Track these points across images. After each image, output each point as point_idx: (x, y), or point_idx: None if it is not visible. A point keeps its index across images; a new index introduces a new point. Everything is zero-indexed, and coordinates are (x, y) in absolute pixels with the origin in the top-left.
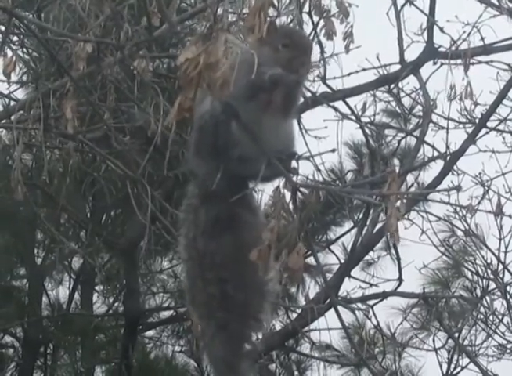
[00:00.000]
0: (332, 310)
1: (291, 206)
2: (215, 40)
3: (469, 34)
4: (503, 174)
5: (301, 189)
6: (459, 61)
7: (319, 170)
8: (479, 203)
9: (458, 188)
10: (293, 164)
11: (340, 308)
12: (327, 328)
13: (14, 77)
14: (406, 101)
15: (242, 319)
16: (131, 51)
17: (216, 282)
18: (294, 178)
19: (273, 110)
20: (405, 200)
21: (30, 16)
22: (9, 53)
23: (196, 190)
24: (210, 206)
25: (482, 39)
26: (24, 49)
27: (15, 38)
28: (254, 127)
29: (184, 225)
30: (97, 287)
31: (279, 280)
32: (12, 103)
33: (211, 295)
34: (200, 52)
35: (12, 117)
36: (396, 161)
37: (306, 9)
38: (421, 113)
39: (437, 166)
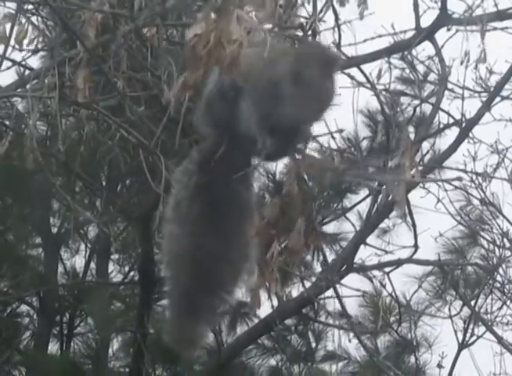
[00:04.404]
0: (348, 278)
1: (296, 188)
2: (226, 16)
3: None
4: None
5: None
6: (473, 28)
7: (333, 138)
8: (495, 171)
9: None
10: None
11: (356, 275)
12: (343, 296)
13: (30, 46)
14: (421, 69)
15: (208, 290)
16: (145, 21)
17: (190, 249)
18: (299, 158)
19: None
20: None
21: None
22: (24, 21)
23: (196, 156)
24: (206, 174)
25: (496, 5)
26: (39, 18)
27: (30, 7)
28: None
29: (175, 187)
30: (113, 256)
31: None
32: (27, 71)
33: (183, 261)
34: (211, 29)
35: (28, 86)
36: (411, 129)
37: None
38: (436, 81)
39: (452, 133)
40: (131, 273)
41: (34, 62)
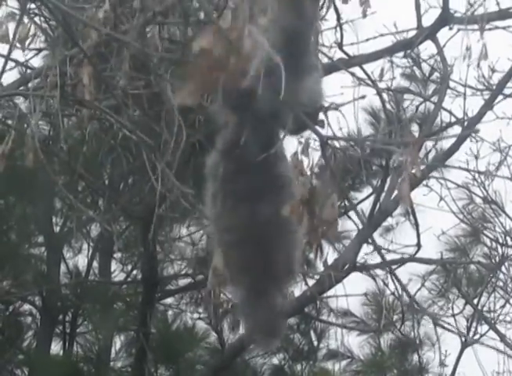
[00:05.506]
0: (350, 276)
1: (322, 160)
2: (236, 31)
3: None
4: None
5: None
6: (475, 27)
7: (336, 136)
8: (497, 169)
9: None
10: (321, 116)
11: (359, 274)
12: (345, 295)
13: (32, 46)
14: (424, 68)
15: (268, 282)
16: (147, 18)
17: (234, 244)
18: (322, 131)
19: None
20: (422, 165)
21: None
22: (26, 21)
23: (220, 145)
24: (232, 160)
25: (498, 4)
26: (42, 18)
27: (32, 6)
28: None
29: (207, 181)
30: (115, 255)
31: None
32: (29, 71)
33: (232, 258)
34: (218, 43)
35: (30, 85)
36: (415, 127)
37: None
38: (439, 80)
39: (455, 132)
40: (134, 272)
41: (37, 61)
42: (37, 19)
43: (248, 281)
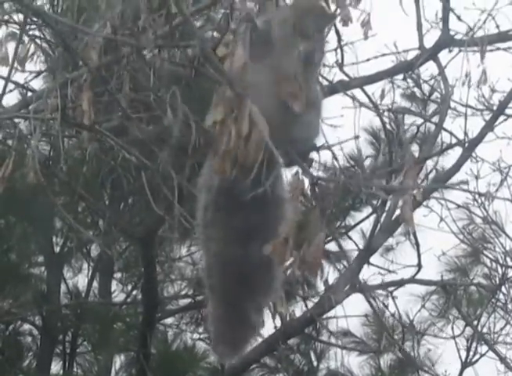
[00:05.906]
0: (350, 297)
1: (311, 196)
2: (241, 109)
3: (484, 21)
4: None
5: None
6: (475, 49)
7: (336, 159)
8: (497, 190)
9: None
10: (312, 154)
11: (359, 295)
12: (345, 315)
13: (32, 67)
14: (425, 88)
15: (249, 294)
16: (148, 40)
17: (219, 260)
18: (312, 170)
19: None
20: (422, 189)
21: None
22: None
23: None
24: (224, 184)
25: (497, 27)
26: (42, 39)
27: (33, 27)
28: (271, 115)
29: (201, 193)
30: (115, 275)
31: (298, 269)
32: (30, 93)
33: (215, 273)
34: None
35: (30, 107)
36: (415, 147)
37: None
38: (439, 99)
39: (455, 152)
40: (134, 292)
41: (37, 83)
42: (37, 40)
43: (225, 293)
